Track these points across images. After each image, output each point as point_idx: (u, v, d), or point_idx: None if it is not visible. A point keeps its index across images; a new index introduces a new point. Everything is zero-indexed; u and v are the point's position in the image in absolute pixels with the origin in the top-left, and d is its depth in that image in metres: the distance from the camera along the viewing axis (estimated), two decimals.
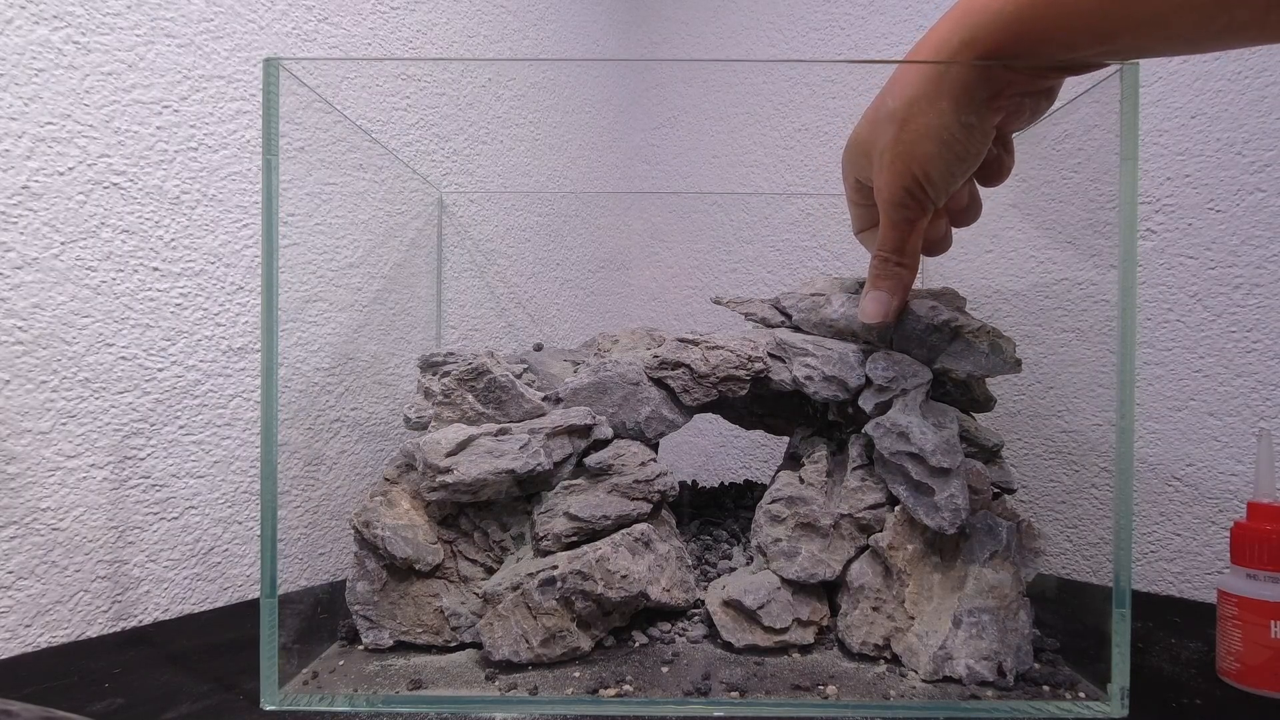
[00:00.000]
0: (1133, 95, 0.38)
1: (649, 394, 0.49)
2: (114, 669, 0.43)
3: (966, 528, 0.43)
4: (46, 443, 0.47)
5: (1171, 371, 0.58)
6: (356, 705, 0.39)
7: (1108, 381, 0.57)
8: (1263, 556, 0.42)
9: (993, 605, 0.42)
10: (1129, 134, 0.38)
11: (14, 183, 0.45)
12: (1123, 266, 0.38)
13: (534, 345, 0.59)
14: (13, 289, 0.45)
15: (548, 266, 0.81)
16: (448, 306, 0.71)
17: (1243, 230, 0.56)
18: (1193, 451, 0.58)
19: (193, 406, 0.53)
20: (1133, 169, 0.38)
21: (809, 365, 0.48)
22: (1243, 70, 0.56)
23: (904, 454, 0.44)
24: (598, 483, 0.46)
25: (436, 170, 0.70)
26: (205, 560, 0.54)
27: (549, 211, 0.81)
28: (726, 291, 0.58)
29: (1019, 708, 0.39)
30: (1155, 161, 0.59)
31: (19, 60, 0.45)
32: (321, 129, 0.50)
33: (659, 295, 0.87)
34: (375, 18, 0.65)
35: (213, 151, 0.54)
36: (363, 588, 0.45)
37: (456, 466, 0.45)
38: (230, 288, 0.55)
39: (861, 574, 0.45)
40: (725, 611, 0.45)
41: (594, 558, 0.43)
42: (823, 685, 0.40)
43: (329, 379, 0.60)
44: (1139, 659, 0.46)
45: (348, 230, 0.61)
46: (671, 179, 0.89)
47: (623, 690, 0.40)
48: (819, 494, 0.47)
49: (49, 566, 0.47)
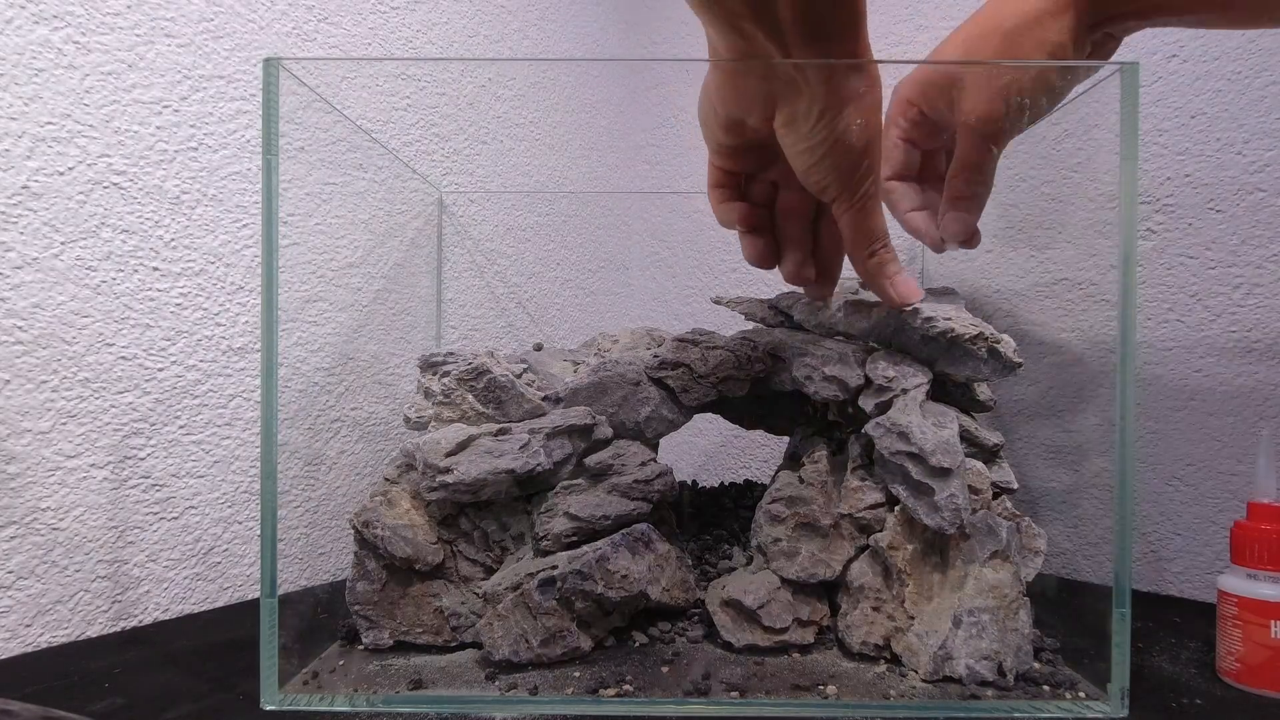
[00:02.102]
0: (1133, 95, 0.38)
1: (649, 394, 0.49)
2: (114, 669, 0.43)
3: (966, 528, 0.43)
4: (46, 443, 0.47)
5: (1171, 371, 0.58)
6: (356, 705, 0.39)
7: (1108, 381, 0.57)
8: (1263, 556, 0.42)
9: (993, 605, 0.42)
10: (1129, 134, 0.38)
11: (14, 183, 0.45)
12: (1123, 266, 0.38)
13: (534, 345, 0.59)
14: (13, 289, 0.45)
15: (548, 266, 0.81)
16: (448, 306, 0.71)
17: (1243, 230, 0.56)
18: (1193, 451, 0.58)
19: (193, 406, 0.53)
20: (1133, 169, 0.38)
21: (809, 365, 0.48)
22: (1243, 70, 0.56)
23: (904, 454, 0.43)
24: (598, 483, 0.46)
25: (436, 170, 0.70)
26: (205, 560, 0.54)
27: (549, 211, 0.81)
28: (726, 291, 0.58)
29: (1019, 708, 0.39)
30: (1155, 161, 0.59)
31: (19, 60, 0.45)
32: (321, 129, 0.50)
33: (659, 295, 0.87)
34: (375, 18, 0.65)
35: (213, 151, 0.54)
36: (363, 588, 0.45)
37: (456, 466, 0.45)
38: (230, 288, 0.55)
39: (861, 574, 0.45)
40: (725, 611, 0.45)
41: (594, 558, 0.43)
42: (823, 685, 0.40)
43: (329, 379, 0.60)
44: (1139, 659, 0.46)
45: (348, 230, 0.61)
46: (671, 179, 0.89)
47: (623, 690, 0.40)
48: (819, 494, 0.47)
49: (49, 566, 0.47)
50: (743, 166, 0.45)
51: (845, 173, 0.40)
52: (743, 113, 0.40)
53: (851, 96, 0.37)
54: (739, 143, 0.42)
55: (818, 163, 0.39)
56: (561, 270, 0.82)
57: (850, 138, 0.38)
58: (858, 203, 0.41)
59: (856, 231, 0.43)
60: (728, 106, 0.40)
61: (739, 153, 0.43)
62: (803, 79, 0.37)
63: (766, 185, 0.46)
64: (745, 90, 0.38)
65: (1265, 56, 0.55)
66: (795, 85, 0.37)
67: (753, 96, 0.38)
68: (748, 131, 0.41)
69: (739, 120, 0.40)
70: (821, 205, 0.44)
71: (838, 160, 0.39)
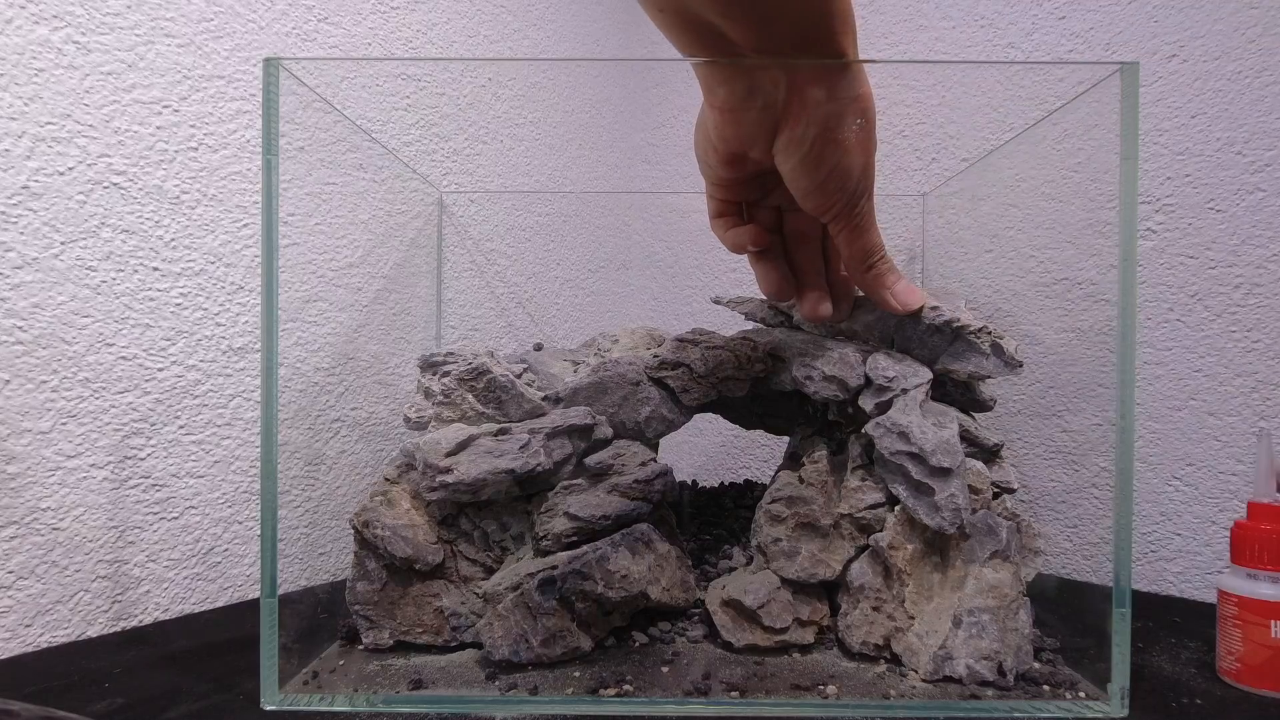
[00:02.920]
0: (1133, 95, 0.38)
1: (649, 394, 0.49)
2: (114, 669, 0.43)
3: (966, 528, 0.43)
4: (46, 443, 0.47)
5: (1171, 371, 0.58)
6: (356, 705, 0.39)
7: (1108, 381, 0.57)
8: (1263, 556, 0.42)
9: (993, 605, 0.42)
10: (1129, 134, 0.38)
11: (14, 183, 0.45)
12: (1123, 266, 0.38)
13: (534, 345, 0.59)
14: (13, 289, 0.45)
15: (548, 266, 0.81)
16: (448, 306, 0.71)
17: (1243, 230, 0.56)
18: (1193, 451, 0.58)
19: (193, 406, 0.53)
20: (1133, 169, 0.38)
21: (809, 365, 0.48)
22: (1243, 70, 0.56)
23: (904, 454, 0.43)
24: (598, 483, 0.46)
25: (436, 170, 0.70)
26: (205, 560, 0.54)
27: (549, 211, 0.81)
28: (726, 291, 0.58)
29: (1019, 707, 0.39)
30: (1155, 161, 0.59)
31: (19, 60, 0.45)
32: (321, 129, 0.50)
33: (659, 295, 0.87)
34: (375, 18, 0.65)
35: (213, 151, 0.54)
36: (363, 588, 0.45)
37: (456, 466, 0.45)
38: (230, 288, 0.55)
39: (861, 574, 0.45)
40: (725, 611, 0.45)
41: (594, 558, 0.43)
42: (823, 685, 0.40)
43: (329, 379, 0.60)
44: (1139, 659, 0.46)
45: (348, 230, 0.61)
46: (671, 179, 0.89)
47: (623, 690, 0.40)
48: (819, 494, 0.47)
49: (49, 566, 0.47)
50: (745, 196, 0.46)
51: (843, 191, 0.40)
52: (745, 147, 0.40)
53: (846, 113, 0.38)
54: (741, 175, 0.43)
55: (818, 186, 0.40)
56: (561, 270, 0.82)
57: (847, 157, 0.39)
58: (855, 220, 0.42)
59: (854, 248, 0.44)
60: (729, 144, 0.40)
61: (741, 184, 0.44)
62: (799, 102, 0.38)
63: (771, 211, 0.46)
64: (746, 124, 0.39)
65: (1265, 56, 0.55)
66: (793, 109, 0.38)
67: (754, 129, 0.39)
68: (750, 164, 0.42)
69: (741, 155, 0.41)
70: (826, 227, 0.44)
71: (836, 180, 0.40)
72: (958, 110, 0.69)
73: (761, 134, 0.39)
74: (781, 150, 0.39)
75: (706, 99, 0.40)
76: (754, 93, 0.38)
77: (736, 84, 0.38)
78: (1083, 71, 0.43)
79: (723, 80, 0.38)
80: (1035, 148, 0.61)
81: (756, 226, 0.46)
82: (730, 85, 0.38)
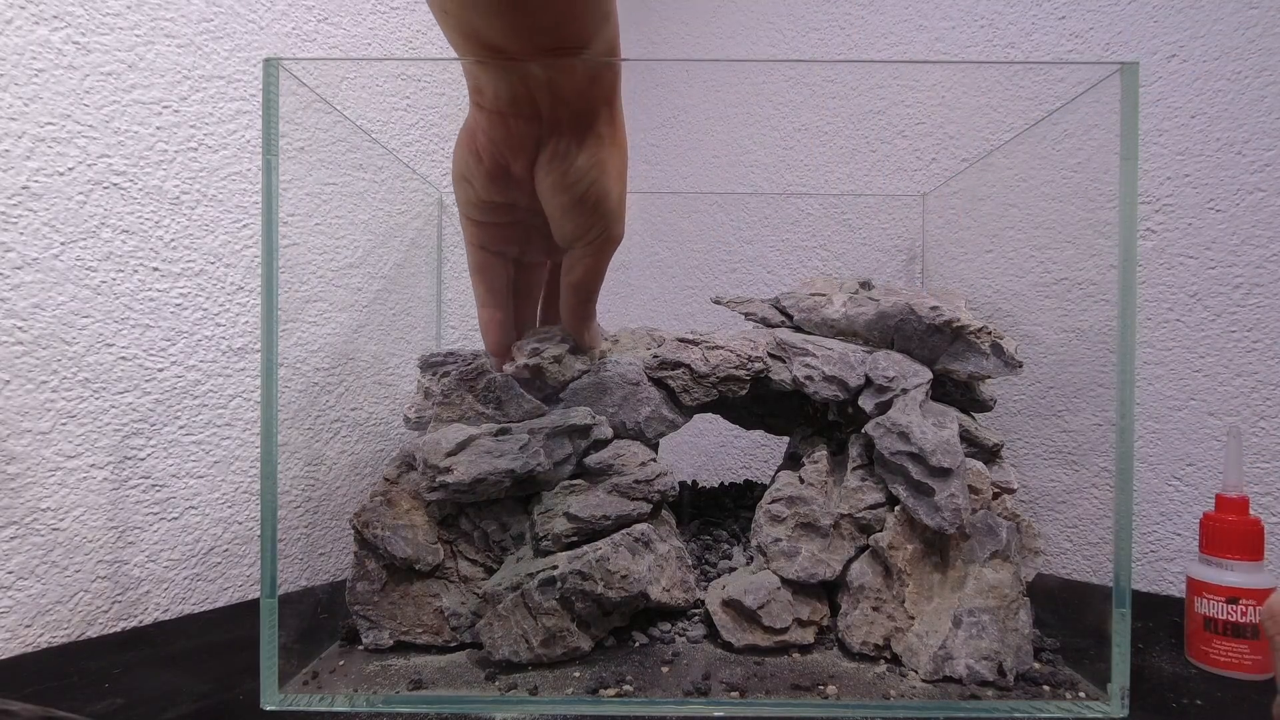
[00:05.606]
0: (1133, 95, 0.38)
1: (649, 394, 0.49)
2: (114, 669, 0.43)
3: (966, 528, 0.43)
4: (46, 443, 0.47)
5: (1171, 371, 0.58)
6: (356, 705, 0.39)
7: (1108, 381, 0.57)
8: (1223, 545, 0.45)
9: (993, 605, 0.42)
10: (1129, 134, 0.38)
11: (14, 183, 0.45)
12: (1123, 266, 0.38)
13: None
14: (13, 289, 0.45)
15: None
16: (448, 306, 0.71)
17: (1243, 230, 0.56)
18: (1193, 451, 0.58)
19: (193, 406, 0.53)
20: (1133, 169, 0.38)
21: (809, 365, 0.48)
22: (1243, 70, 0.56)
23: (904, 454, 0.44)
24: (598, 483, 0.46)
25: (436, 170, 0.70)
26: (205, 560, 0.54)
27: None
28: (726, 291, 0.58)
29: (1019, 708, 0.39)
30: (1155, 161, 0.59)
31: (19, 60, 0.45)
32: (321, 129, 0.50)
33: (659, 295, 0.87)
34: (375, 18, 0.65)
35: (213, 151, 0.54)
36: (363, 588, 0.45)
37: (456, 466, 0.45)
38: (230, 288, 0.55)
39: (861, 574, 0.45)
40: (725, 611, 0.45)
41: (594, 558, 0.43)
42: (823, 685, 0.40)
43: (329, 379, 0.60)
44: (1139, 659, 0.46)
45: (348, 230, 0.61)
46: (671, 179, 0.89)
47: (623, 690, 0.40)
48: (819, 494, 0.47)
49: (49, 566, 0.47)
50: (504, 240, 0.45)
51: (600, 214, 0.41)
52: (511, 156, 0.40)
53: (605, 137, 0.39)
54: (502, 199, 0.42)
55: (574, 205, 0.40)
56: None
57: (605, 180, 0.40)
58: (598, 244, 0.42)
59: (589, 274, 0.44)
60: (496, 149, 0.40)
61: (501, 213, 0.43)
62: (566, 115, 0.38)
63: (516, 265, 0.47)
64: (514, 131, 0.39)
65: (1265, 56, 0.55)
66: (557, 124, 0.38)
67: (521, 137, 0.39)
68: (511, 187, 0.41)
69: (504, 169, 0.41)
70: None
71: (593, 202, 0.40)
72: (958, 110, 0.69)
73: (527, 143, 0.39)
74: (543, 165, 0.40)
75: (474, 99, 0.39)
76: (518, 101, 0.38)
77: (502, 86, 0.38)
78: (1083, 71, 0.43)
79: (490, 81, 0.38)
80: (1035, 148, 0.61)
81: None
82: (496, 87, 0.38)
